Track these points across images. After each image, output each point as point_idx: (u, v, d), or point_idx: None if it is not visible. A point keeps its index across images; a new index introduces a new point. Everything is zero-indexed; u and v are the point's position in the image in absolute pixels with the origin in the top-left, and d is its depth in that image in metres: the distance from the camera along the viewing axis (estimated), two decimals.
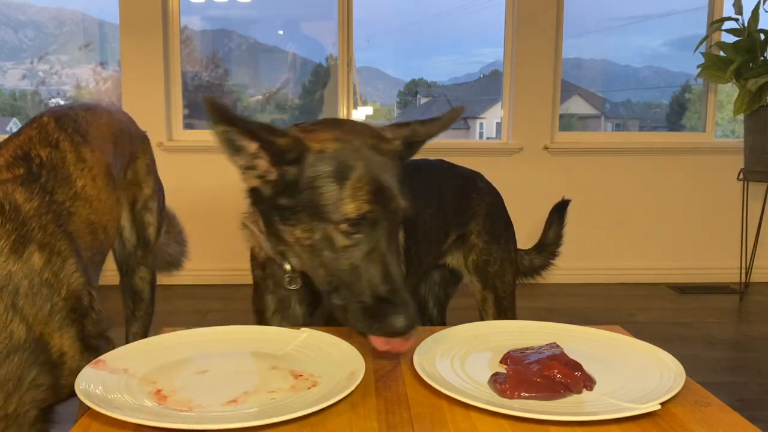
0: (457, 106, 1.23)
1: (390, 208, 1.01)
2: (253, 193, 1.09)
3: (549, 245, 1.97)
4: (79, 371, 0.88)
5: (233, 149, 1.01)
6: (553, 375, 0.85)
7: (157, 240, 1.81)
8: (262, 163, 1.02)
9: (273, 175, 1.03)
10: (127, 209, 1.69)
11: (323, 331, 1.05)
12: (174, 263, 2.02)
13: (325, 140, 1.03)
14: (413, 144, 1.16)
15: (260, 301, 1.26)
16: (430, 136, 1.17)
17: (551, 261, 1.98)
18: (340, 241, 0.99)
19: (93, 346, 1.19)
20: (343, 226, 0.98)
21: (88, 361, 0.91)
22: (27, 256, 1.12)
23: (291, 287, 1.14)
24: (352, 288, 0.99)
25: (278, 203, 1.04)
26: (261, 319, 1.26)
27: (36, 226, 1.17)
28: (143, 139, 1.79)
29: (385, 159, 1.04)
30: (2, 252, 1.09)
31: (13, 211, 1.15)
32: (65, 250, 1.20)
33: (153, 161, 1.83)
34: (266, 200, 1.06)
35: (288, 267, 1.13)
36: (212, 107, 0.96)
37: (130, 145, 1.69)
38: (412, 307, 0.97)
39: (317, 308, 1.22)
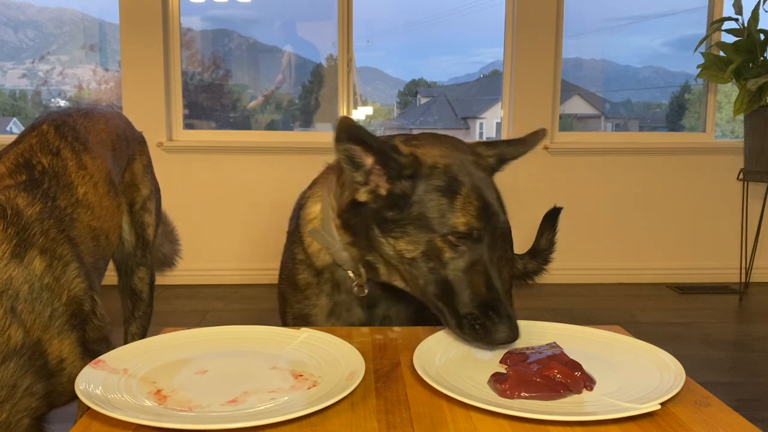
0: (539, 129, 1.26)
1: (492, 223, 1.05)
2: (354, 206, 1.11)
3: (542, 251, 2.01)
4: None
5: (353, 166, 1.05)
6: (553, 375, 0.85)
7: (155, 240, 1.81)
8: (375, 178, 1.06)
9: (384, 190, 1.06)
10: (126, 210, 1.69)
11: (324, 331, 1.05)
12: (168, 262, 2.03)
13: (435, 156, 1.07)
14: (502, 162, 1.20)
15: (308, 305, 1.26)
16: (517, 156, 1.22)
17: (544, 267, 2.03)
18: (447, 253, 1.03)
19: (94, 351, 1.18)
20: (450, 239, 1.02)
21: None
22: (28, 261, 1.12)
23: (360, 294, 1.18)
24: (454, 299, 1.02)
25: (384, 216, 1.06)
26: (304, 323, 1.26)
27: (38, 230, 1.17)
28: (140, 141, 1.80)
29: (486, 175, 1.10)
30: (3, 256, 1.09)
31: (15, 216, 1.15)
32: (67, 255, 1.20)
33: (150, 162, 1.83)
34: (370, 213, 1.08)
35: (352, 274, 1.17)
36: (346, 127, 1.01)
37: (128, 149, 1.69)
38: (515, 318, 0.99)
39: (374, 310, 1.24)
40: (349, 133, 1.02)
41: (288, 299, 1.31)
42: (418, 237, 1.04)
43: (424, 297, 1.07)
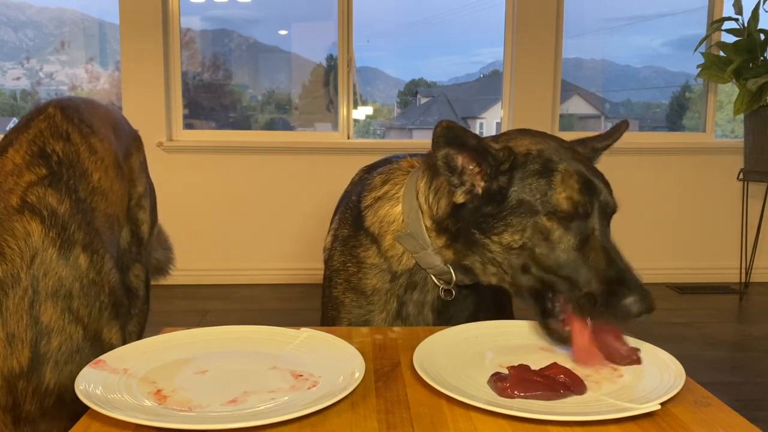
0: (622, 121, 1.27)
1: (599, 199, 1.02)
2: (454, 210, 1.09)
3: None
4: None
5: (450, 170, 1.04)
6: (554, 375, 0.85)
7: (150, 237, 1.81)
8: (471, 178, 1.05)
9: (480, 188, 1.05)
10: None
11: (324, 331, 1.05)
12: (161, 269, 2.02)
13: (527, 144, 1.06)
14: (595, 154, 1.22)
15: (371, 310, 1.24)
16: (605, 149, 1.24)
17: None
18: (556, 231, 0.99)
19: (126, 338, 1.25)
20: (557, 216, 0.99)
21: None
22: (74, 259, 1.16)
23: (447, 298, 1.18)
24: (574, 280, 0.97)
25: (482, 213, 1.05)
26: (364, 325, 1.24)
27: (75, 227, 1.19)
28: (136, 137, 1.80)
29: (584, 158, 1.08)
30: (51, 258, 1.13)
31: (53, 216, 1.17)
32: (101, 248, 1.23)
33: (145, 160, 1.83)
34: (468, 214, 1.07)
35: (435, 278, 1.17)
36: (446, 130, 1.00)
37: (126, 140, 1.69)
38: (646, 288, 0.94)
39: (441, 314, 1.23)
40: (447, 137, 1.00)
41: (345, 304, 1.26)
42: (522, 224, 1.01)
43: (532, 291, 1.03)
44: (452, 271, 1.14)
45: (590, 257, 0.98)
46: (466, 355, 0.98)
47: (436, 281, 1.18)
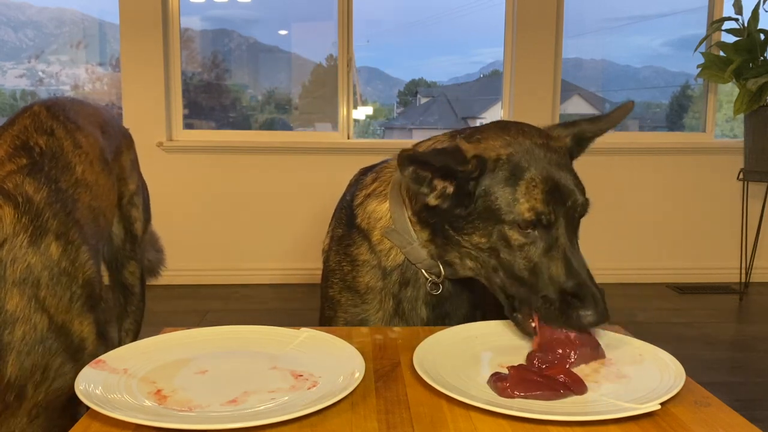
0: (627, 101, 1.23)
1: (568, 205, 1.02)
2: (427, 210, 1.10)
3: None
4: (97, 356, 0.90)
5: (418, 183, 1.04)
6: (554, 375, 0.85)
7: (144, 234, 1.81)
8: (439, 183, 1.05)
9: (450, 189, 1.05)
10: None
11: (324, 331, 1.05)
12: (153, 270, 2.02)
13: (498, 147, 1.05)
14: (582, 141, 1.17)
15: (366, 309, 1.24)
16: (599, 132, 1.18)
17: None
18: (517, 241, 1.01)
19: (104, 334, 1.22)
20: (518, 226, 1.00)
21: (104, 348, 0.93)
22: (45, 247, 1.13)
23: (434, 292, 1.18)
24: (534, 287, 1.00)
25: (454, 213, 1.06)
26: (362, 325, 1.24)
27: (49, 216, 1.17)
28: (126, 135, 1.80)
29: (558, 156, 1.05)
30: (21, 245, 1.10)
31: (27, 203, 1.15)
32: (77, 238, 1.21)
33: (136, 158, 1.84)
34: (441, 213, 1.08)
35: (426, 273, 1.17)
36: (407, 158, 1.00)
37: (116, 138, 1.69)
38: (602, 300, 0.96)
39: (436, 309, 1.23)
40: (411, 160, 1.01)
41: (341, 303, 1.27)
42: (488, 229, 1.03)
43: (507, 290, 1.05)
44: (440, 264, 1.15)
45: (551, 266, 0.99)
46: (466, 355, 0.98)
47: (426, 275, 1.18)
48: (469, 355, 0.99)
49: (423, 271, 1.18)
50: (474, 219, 1.04)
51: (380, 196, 1.23)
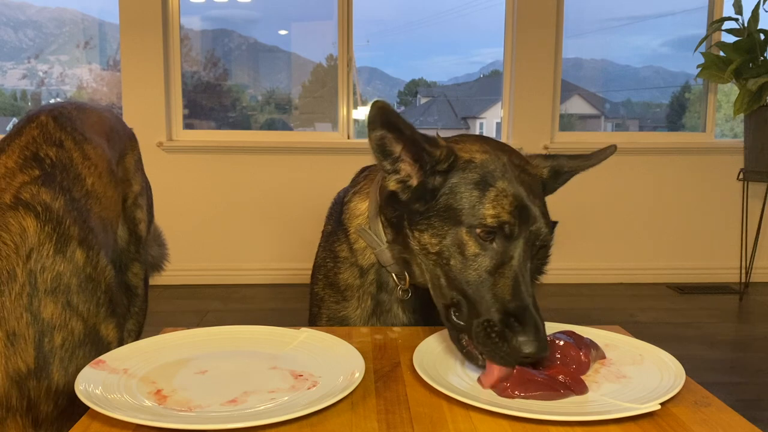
0: (610, 145, 1.20)
1: (529, 228, 0.96)
2: (389, 199, 1.07)
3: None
4: None
5: (383, 154, 1.01)
6: (554, 375, 0.85)
7: (148, 235, 1.81)
8: (406, 168, 1.02)
9: (414, 181, 1.02)
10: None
11: (324, 331, 1.05)
12: (156, 265, 2.03)
13: (474, 151, 1.02)
14: (559, 175, 1.13)
15: (346, 306, 1.24)
16: (578, 170, 1.15)
17: (537, 276, 2.00)
18: (472, 247, 0.95)
19: (123, 337, 1.25)
20: (478, 232, 0.94)
21: None
22: (70, 254, 1.15)
23: (404, 297, 1.16)
24: (477, 303, 0.92)
25: (412, 208, 1.02)
26: (340, 325, 1.23)
27: (70, 223, 1.19)
28: (131, 137, 1.80)
29: (531, 180, 1.02)
30: (48, 254, 1.12)
31: (47, 212, 1.17)
32: (96, 245, 1.23)
33: (140, 159, 1.84)
34: (401, 205, 1.05)
35: (395, 277, 1.15)
36: (382, 111, 0.95)
37: (120, 142, 1.70)
38: (543, 330, 0.88)
39: (416, 313, 1.21)
40: (383, 118, 0.96)
41: (324, 300, 1.27)
42: (443, 229, 0.97)
43: (448, 301, 0.97)
44: (404, 270, 1.12)
45: (499, 284, 0.92)
46: None
47: (396, 280, 1.16)
48: None
49: (393, 275, 1.16)
50: (431, 216, 0.99)
51: (363, 194, 1.23)
